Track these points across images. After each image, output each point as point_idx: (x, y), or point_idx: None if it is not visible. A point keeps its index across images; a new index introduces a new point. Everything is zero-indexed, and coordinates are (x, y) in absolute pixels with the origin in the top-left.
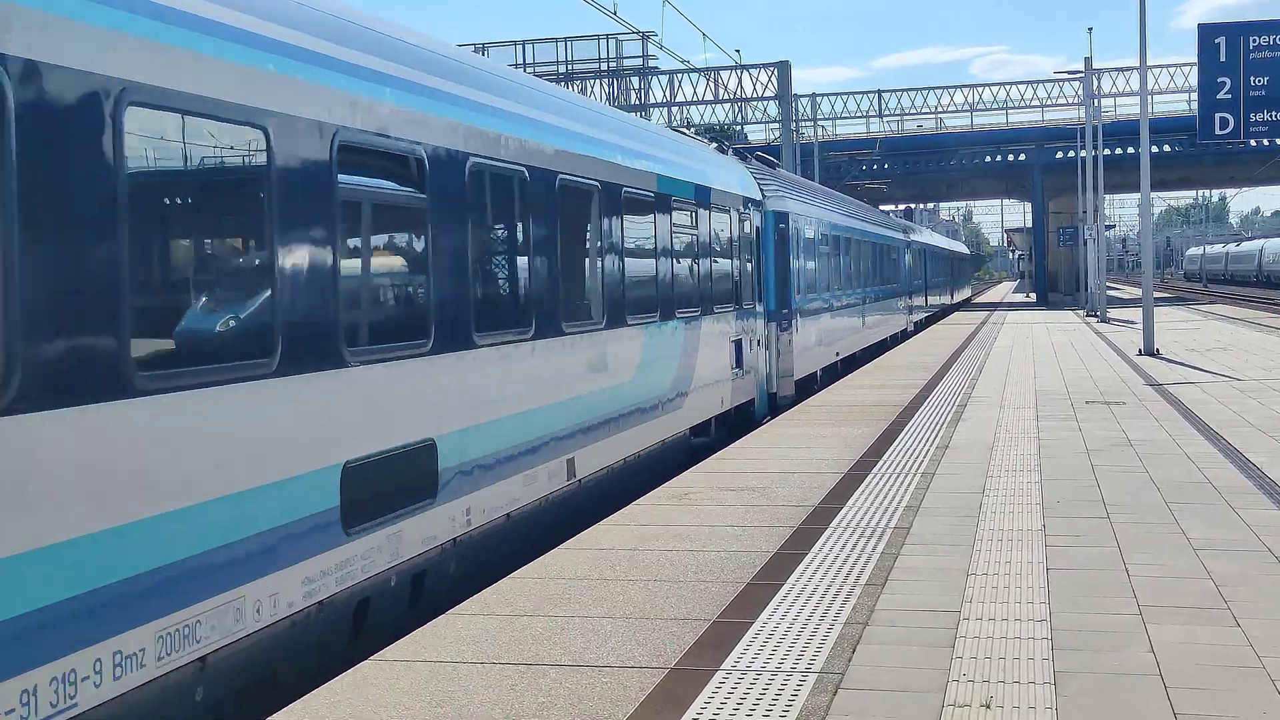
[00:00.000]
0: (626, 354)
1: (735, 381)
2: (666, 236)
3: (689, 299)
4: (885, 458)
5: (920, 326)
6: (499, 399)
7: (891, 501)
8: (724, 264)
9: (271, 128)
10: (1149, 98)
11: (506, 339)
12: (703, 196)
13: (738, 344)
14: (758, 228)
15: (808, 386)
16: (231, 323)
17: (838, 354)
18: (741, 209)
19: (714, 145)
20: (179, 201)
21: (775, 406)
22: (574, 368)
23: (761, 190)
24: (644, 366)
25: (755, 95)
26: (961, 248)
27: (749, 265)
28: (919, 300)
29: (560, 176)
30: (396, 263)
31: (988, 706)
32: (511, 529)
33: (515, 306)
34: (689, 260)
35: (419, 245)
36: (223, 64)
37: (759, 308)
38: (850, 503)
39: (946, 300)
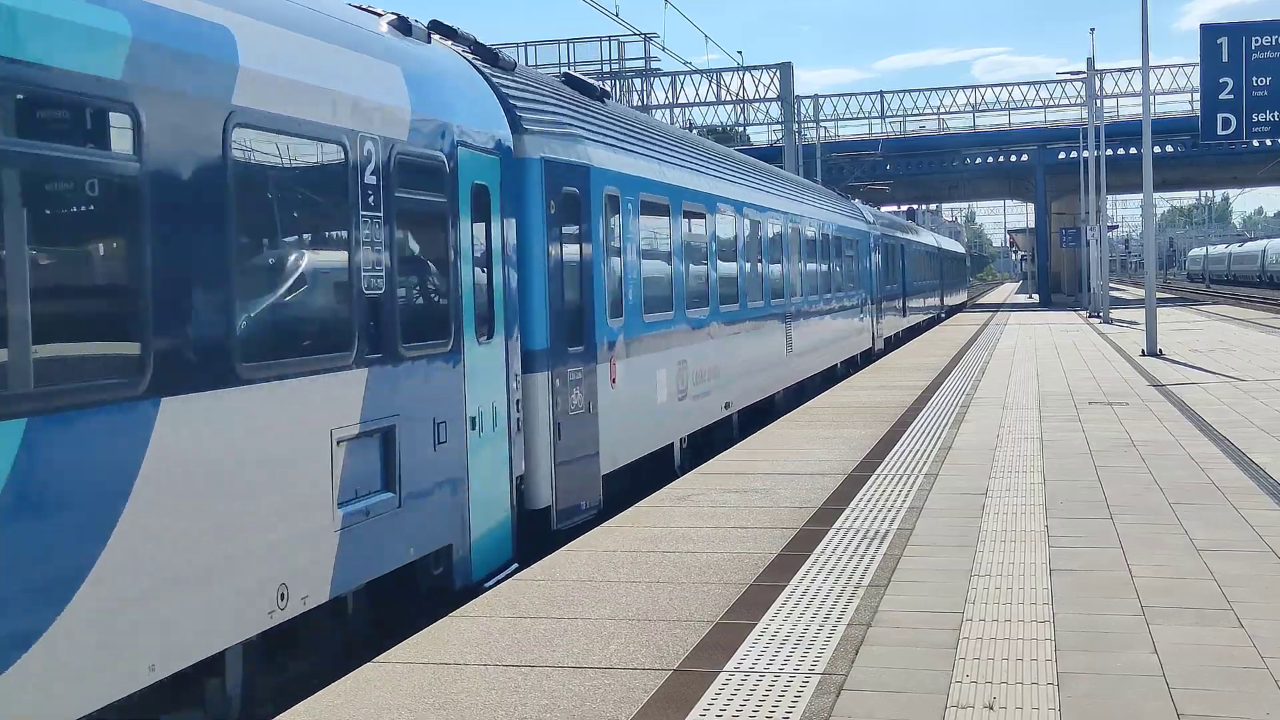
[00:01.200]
0: None
1: (350, 532)
2: None
3: (78, 366)
4: (888, 459)
5: (895, 343)
6: None
7: (894, 503)
8: (318, 261)
9: None
10: (1151, 98)
11: None
12: (209, 93)
13: (383, 438)
14: (489, 186)
15: (662, 471)
16: None
17: (727, 405)
18: (429, 149)
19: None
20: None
21: (551, 535)
22: None
23: (518, 120)
24: None
25: (758, 96)
26: (955, 245)
27: (453, 263)
28: (894, 306)
29: None
30: None
31: (991, 708)
32: None
33: None
34: (96, 261)
35: None
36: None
37: (490, 346)
38: (853, 504)
39: (934, 305)
